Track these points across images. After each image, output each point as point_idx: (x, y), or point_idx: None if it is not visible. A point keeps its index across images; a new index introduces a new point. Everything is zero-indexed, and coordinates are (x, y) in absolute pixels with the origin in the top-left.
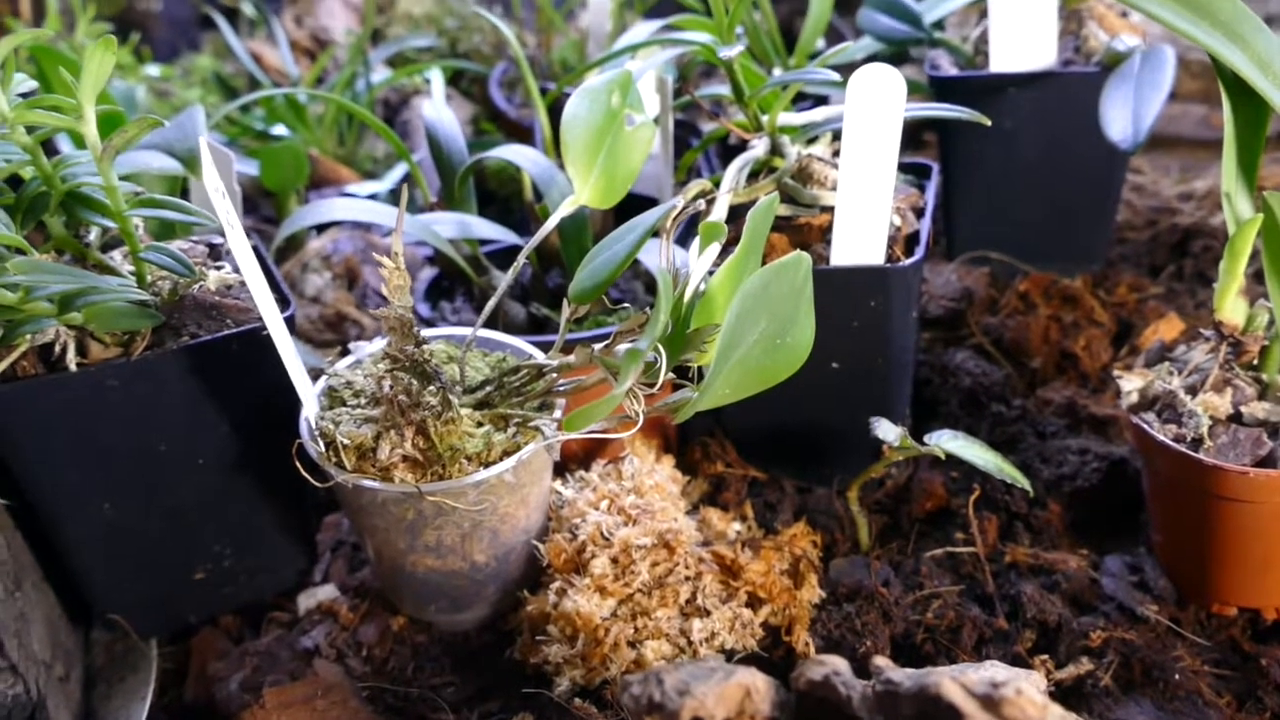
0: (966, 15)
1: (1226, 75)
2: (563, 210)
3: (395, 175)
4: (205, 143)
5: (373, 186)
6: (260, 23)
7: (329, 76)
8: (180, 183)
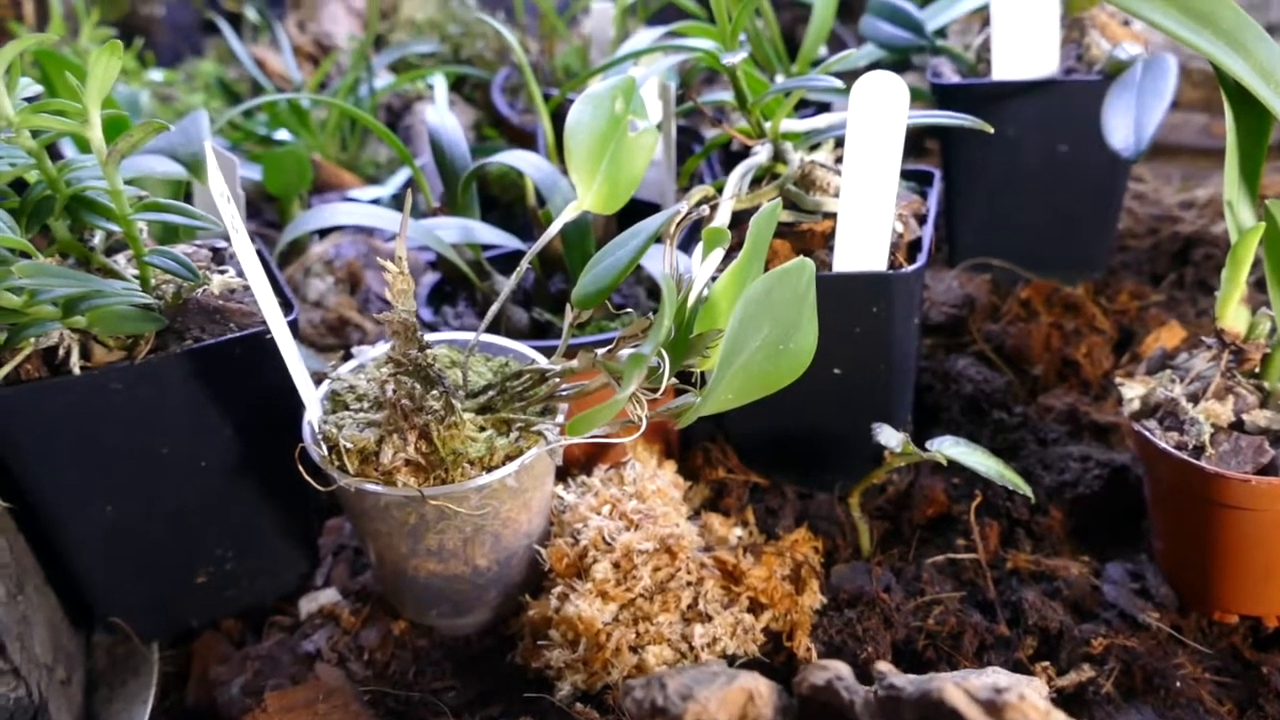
0: (969, 23)
1: (1228, 84)
2: (566, 216)
3: (398, 180)
4: (210, 147)
5: (375, 192)
6: (263, 28)
7: (332, 82)
8: (184, 187)
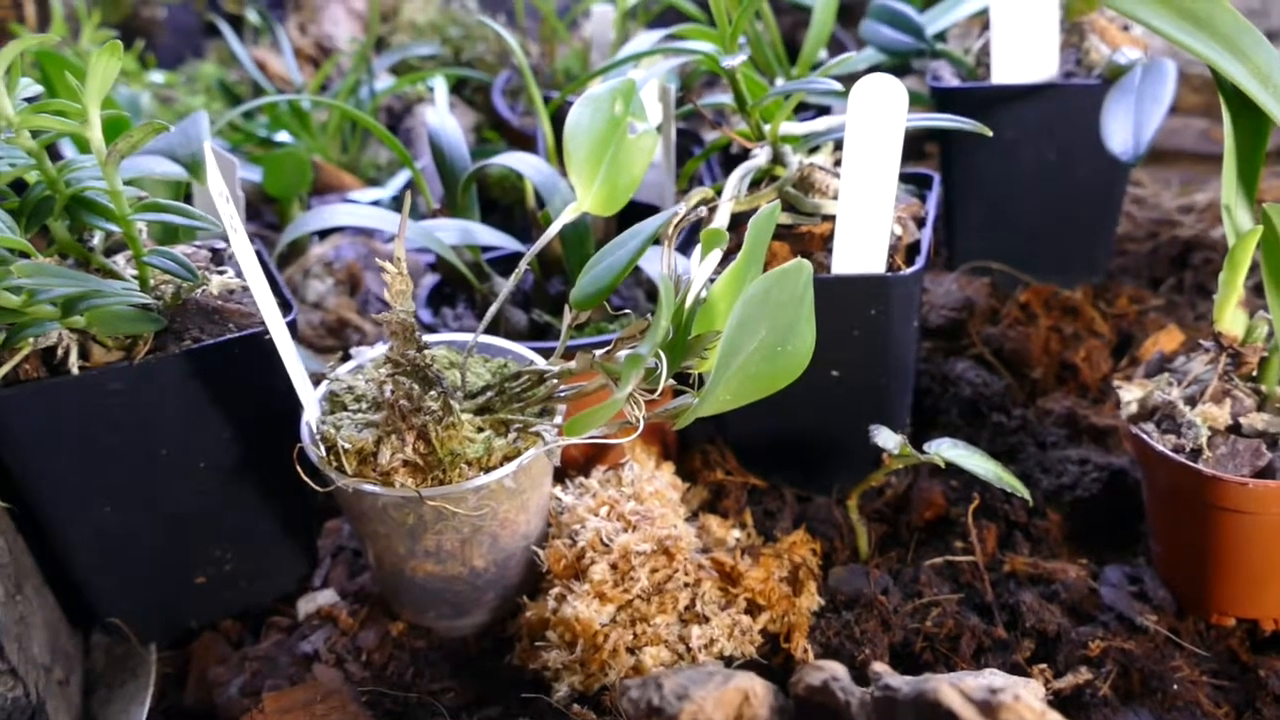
0: (969, 27)
1: (1227, 88)
2: (565, 217)
3: (398, 182)
4: (209, 147)
5: (375, 193)
6: (265, 30)
7: (333, 84)
8: (184, 188)
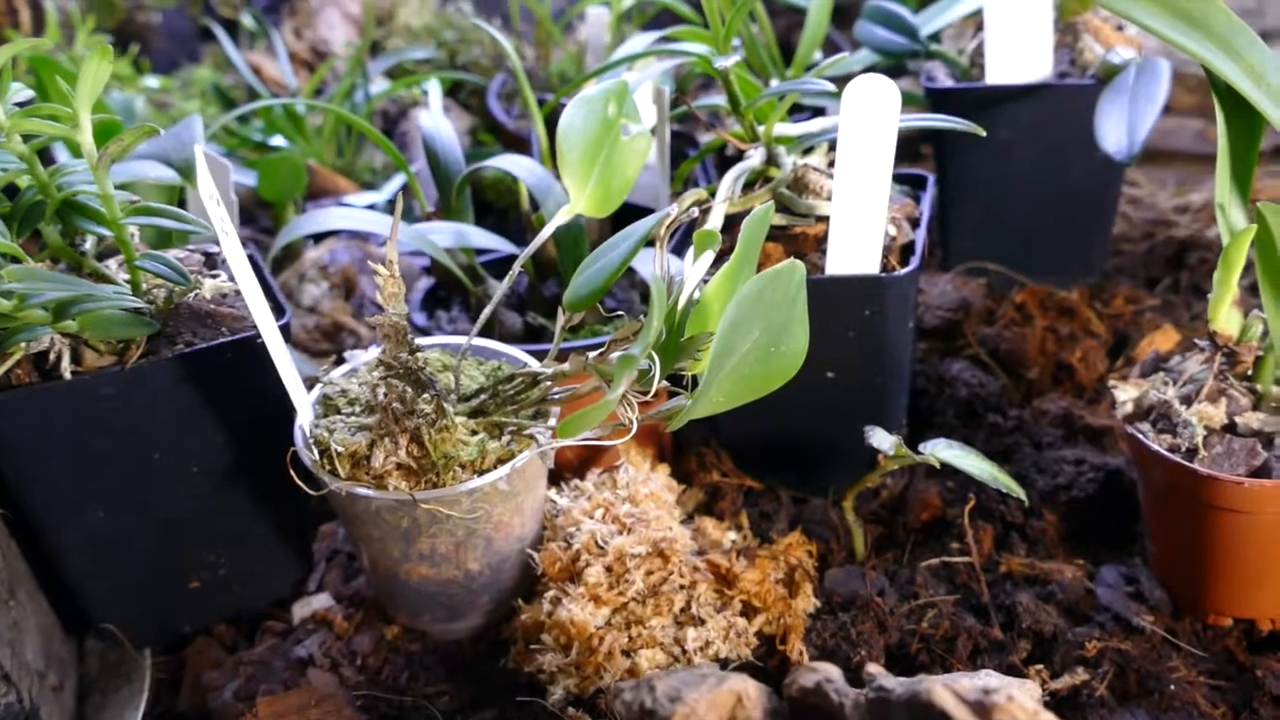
0: (963, 28)
1: (1220, 88)
2: (558, 219)
3: (393, 186)
4: (200, 150)
5: (370, 197)
6: (260, 35)
7: (328, 88)
8: (178, 192)
